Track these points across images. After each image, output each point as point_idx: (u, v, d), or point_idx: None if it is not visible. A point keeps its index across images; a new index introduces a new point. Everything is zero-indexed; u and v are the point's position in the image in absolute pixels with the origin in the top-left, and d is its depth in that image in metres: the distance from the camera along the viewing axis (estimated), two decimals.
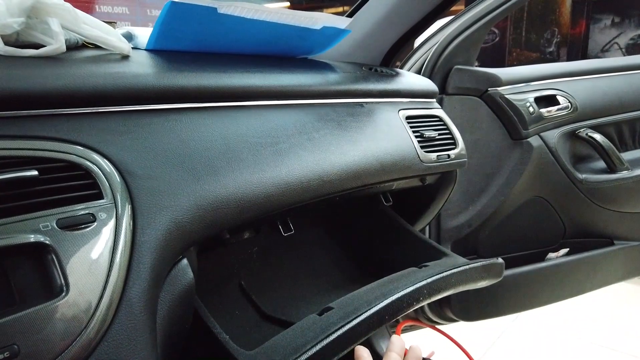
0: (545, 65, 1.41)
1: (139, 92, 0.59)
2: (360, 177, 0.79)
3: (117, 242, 0.48)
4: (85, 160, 0.50)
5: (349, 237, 1.04)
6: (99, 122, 0.55)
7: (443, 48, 1.20)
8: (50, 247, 0.44)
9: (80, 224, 0.46)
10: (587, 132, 1.35)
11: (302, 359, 0.62)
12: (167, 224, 0.53)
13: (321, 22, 0.87)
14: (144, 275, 0.49)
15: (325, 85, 0.85)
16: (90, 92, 0.54)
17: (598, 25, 6.26)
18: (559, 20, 6.57)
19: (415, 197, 1.04)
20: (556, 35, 6.58)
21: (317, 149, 0.74)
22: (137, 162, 0.54)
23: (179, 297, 0.56)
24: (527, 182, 1.29)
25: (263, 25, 0.82)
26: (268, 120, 0.72)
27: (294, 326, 0.71)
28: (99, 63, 0.61)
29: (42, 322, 0.41)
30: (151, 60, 0.69)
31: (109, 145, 0.53)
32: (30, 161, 0.47)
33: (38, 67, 0.55)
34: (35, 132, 0.49)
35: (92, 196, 0.49)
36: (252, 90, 0.73)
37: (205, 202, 0.58)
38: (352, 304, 0.73)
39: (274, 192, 0.66)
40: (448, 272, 0.83)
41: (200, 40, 0.80)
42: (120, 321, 0.46)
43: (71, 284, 0.43)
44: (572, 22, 6.46)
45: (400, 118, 0.92)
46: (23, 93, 0.50)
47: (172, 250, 0.54)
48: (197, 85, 0.66)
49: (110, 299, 0.45)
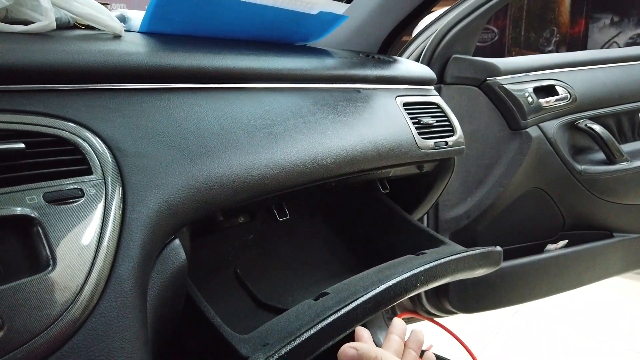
0: (545, 56, 1.40)
1: (130, 71, 0.58)
2: (356, 162, 0.78)
3: (107, 218, 0.47)
4: (74, 136, 0.49)
5: (345, 225, 1.03)
6: (89, 98, 0.54)
7: (441, 37, 1.20)
8: (37, 220, 0.43)
9: (68, 199, 0.45)
10: (586, 123, 1.35)
11: (297, 342, 0.60)
12: (158, 202, 0.52)
13: (318, 7, 0.87)
14: (134, 252, 0.48)
15: (321, 70, 0.84)
16: (79, 68, 0.54)
17: (597, 25, 6.25)
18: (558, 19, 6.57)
19: (413, 185, 1.03)
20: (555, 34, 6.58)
21: (313, 133, 0.73)
22: (127, 139, 0.53)
23: (170, 277, 0.55)
24: (525, 173, 1.29)
25: (259, 9, 0.81)
26: (263, 103, 0.71)
27: (289, 311, 0.70)
28: (90, 41, 0.60)
29: (28, 295, 0.40)
30: (144, 40, 0.68)
31: (99, 121, 0.52)
32: (18, 135, 0.46)
33: (27, 42, 0.54)
34: (24, 107, 0.48)
35: (80, 172, 0.48)
36: (247, 72, 0.72)
37: (197, 182, 0.57)
38: (348, 289, 0.72)
39: (268, 174, 0.65)
40: (445, 259, 0.82)
41: (195, 24, 0.79)
42: (109, 297, 0.44)
43: (58, 258, 0.42)
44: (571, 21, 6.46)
45: (398, 104, 0.91)
46: (11, 67, 0.49)
47: (164, 229, 0.53)
48: (191, 65, 0.65)
49: (99, 275, 0.44)
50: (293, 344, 0.60)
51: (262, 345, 0.62)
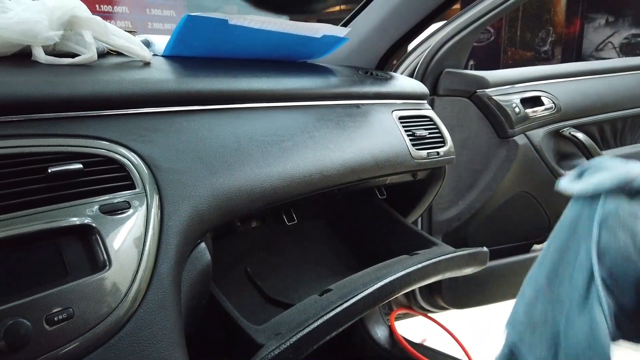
0: (531, 68, 1.49)
1: (163, 96, 0.67)
2: (356, 172, 0.87)
3: (148, 226, 0.56)
4: (118, 156, 0.58)
5: (346, 228, 1.12)
6: (129, 122, 0.63)
7: (434, 52, 1.28)
8: (95, 228, 0.52)
9: (118, 210, 0.54)
10: (570, 131, 1.43)
11: (305, 331, 0.69)
12: (189, 211, 0.61)
13: (322, 31, 0.95)
14: (171, 254, 0.57)
15: (324, 88, 0.93)
16: (122, 96, 0.62)
17: (592, 25, 6.33)
18: (553, 20, 6.64)
19: (408, 192, 1.12)
20: (551, 34, 6.66)
21: (318, 147, 0.82)
22: (162, 157, 0.62)
23: (198, 275, 0.64)
24: (513, 178, 1.38)
25: (269, 35, 0.89)
26: (274, 121, 0.80)
27: (297, 305, 0.79)
28: (126, 70, 0.69)
29: (91, 290, 0.49)
30: (170, 66, 0.77)
31: (138, 142, 0.61)
32: (75, 156, 0.55)
33: (75, 74, 0.63)
34: (77, 131, 0.57)
35: (125, 187, 0.57)
36: (259, 93, 0.81)
37: (220, 193, 0.66)
38: (349, 286, 0.81)
39: (280, 184, 0.74)
40: (436, 259, 0.91)
41: (212, 48, 0.88)
42: (152, 292, 0.53)
43: (113, 259, 0.51)
44: (566, 21, 6.54)
45: (394, 118, 1.00)
46: (66, 97, 0.58)
47: (193, 234, 0.62)
48: (212, 89, 0.74)
49: (144, 273, 0.53)
50: (302, 333, 0.69)
51: (275, 334, 0.71)
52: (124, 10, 4.51)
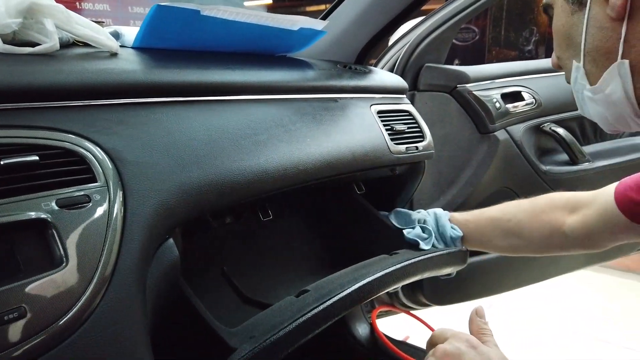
0: (511, 64, 1.49)
1: (128, 87, 0.65)
2: (333, 166, 0.85)
3: (110, 221, 0.54)
4: (79, 148, 0.56)
5: (325, 225, 1.10)
6: (91, 114, 0.60)
7: (414, 47, 1.27)
8: (51, 223, 0.49)
9: (77, 204, 0.52)
10: (550, 127, 1.43)
11: (280, 334, 0.68)
12: (155, 206, 0.59)
13: (299, 23, 0.94)
14: (135, 250, 0.55)
15: (301, 81, 0.91)
16: (83, 86, 0.60)
17: None
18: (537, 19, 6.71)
19: (387, 187, 1.11)
20: (534, 33, 6.72)
21: (293, 140, 0.80)
22: (126, 149, 0.60)
23: (165, 272, 0.62)
24: (494, 174, 1.37)
25: (244, 26, 0.87)
26: (248, 114, 0.78)
27: (273, 306, 0.77)
28: (91, 60, 0.67)
29: (46, 288, 0.47)
30: (138, 57, 0.75)
31: (101, 134, 0.59)
32: (32, 148, 0.52)
33: (35, 63, 0.60)
34: (35, 123, 0.55)
35: (86, 180, 0.55)
36: (232, 85, 0.79)
37: (189, 187, 0.64)
38: (326, 286, 0.79)
39: (252, 178, 0.72)
40: (415, 259, 0.90)
41: (184, 39, 0.85)
42: (114, 289, 0.51)
43: (70, 255, 0.49)
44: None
45: (372, 112, 0.98)
46: (24, 87, 0.55)
47: (160, 230, 0.60)
48: (182, 80, 0.71)
49: (105, 269, 0.51)
50: (277, 336, 0.67)
51: (248, 337, 0.69)
52: (104, 8, 4.45)
